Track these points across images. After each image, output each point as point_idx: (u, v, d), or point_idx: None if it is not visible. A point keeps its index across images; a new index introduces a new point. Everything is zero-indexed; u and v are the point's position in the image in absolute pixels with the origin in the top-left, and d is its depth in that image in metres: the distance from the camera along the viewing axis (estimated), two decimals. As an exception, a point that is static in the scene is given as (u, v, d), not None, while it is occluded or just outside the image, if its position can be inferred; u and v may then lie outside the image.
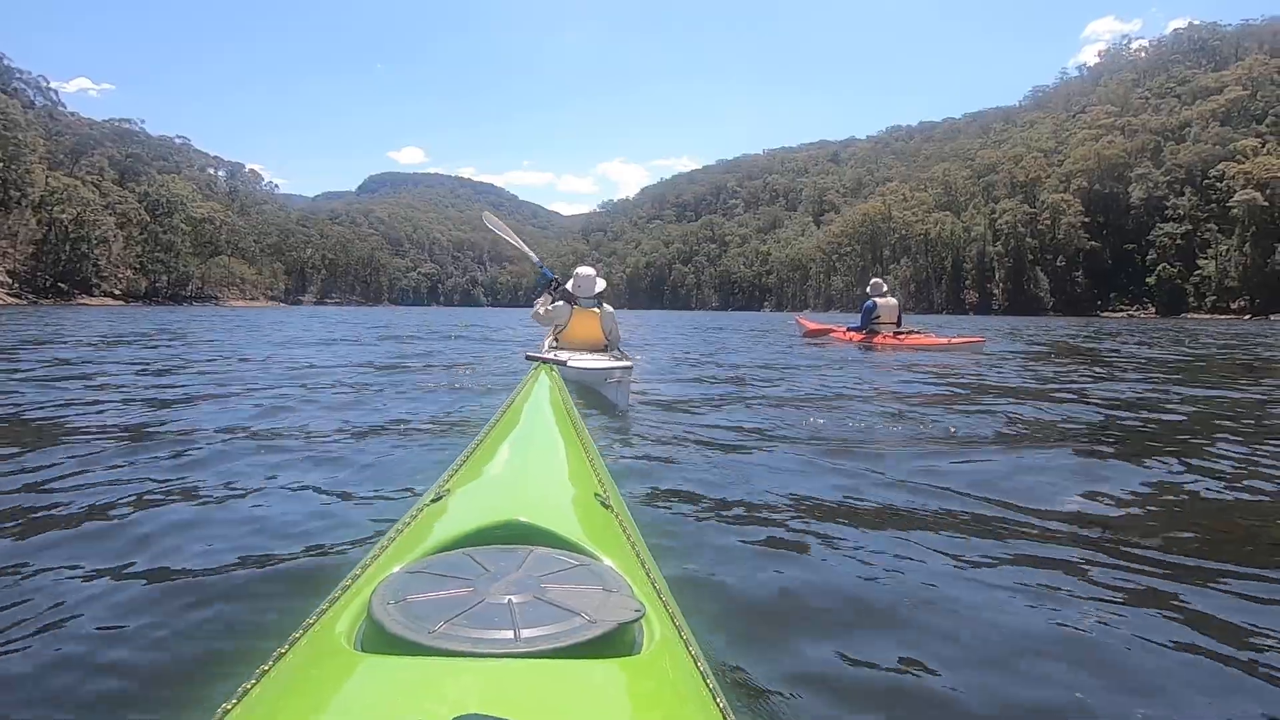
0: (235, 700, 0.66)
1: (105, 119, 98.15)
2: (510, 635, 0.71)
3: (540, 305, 5.18)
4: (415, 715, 0.59)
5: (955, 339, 10.31)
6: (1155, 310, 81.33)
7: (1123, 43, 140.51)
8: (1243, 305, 72.25)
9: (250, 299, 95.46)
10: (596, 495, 1.20)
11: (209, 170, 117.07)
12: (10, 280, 66.34)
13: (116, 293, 75.48)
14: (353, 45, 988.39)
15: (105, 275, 76.47)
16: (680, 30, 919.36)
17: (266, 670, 0.71)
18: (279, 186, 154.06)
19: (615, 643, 0.74)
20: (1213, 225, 79.82)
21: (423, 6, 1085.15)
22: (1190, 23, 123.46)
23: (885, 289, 10.74)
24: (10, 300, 57.90)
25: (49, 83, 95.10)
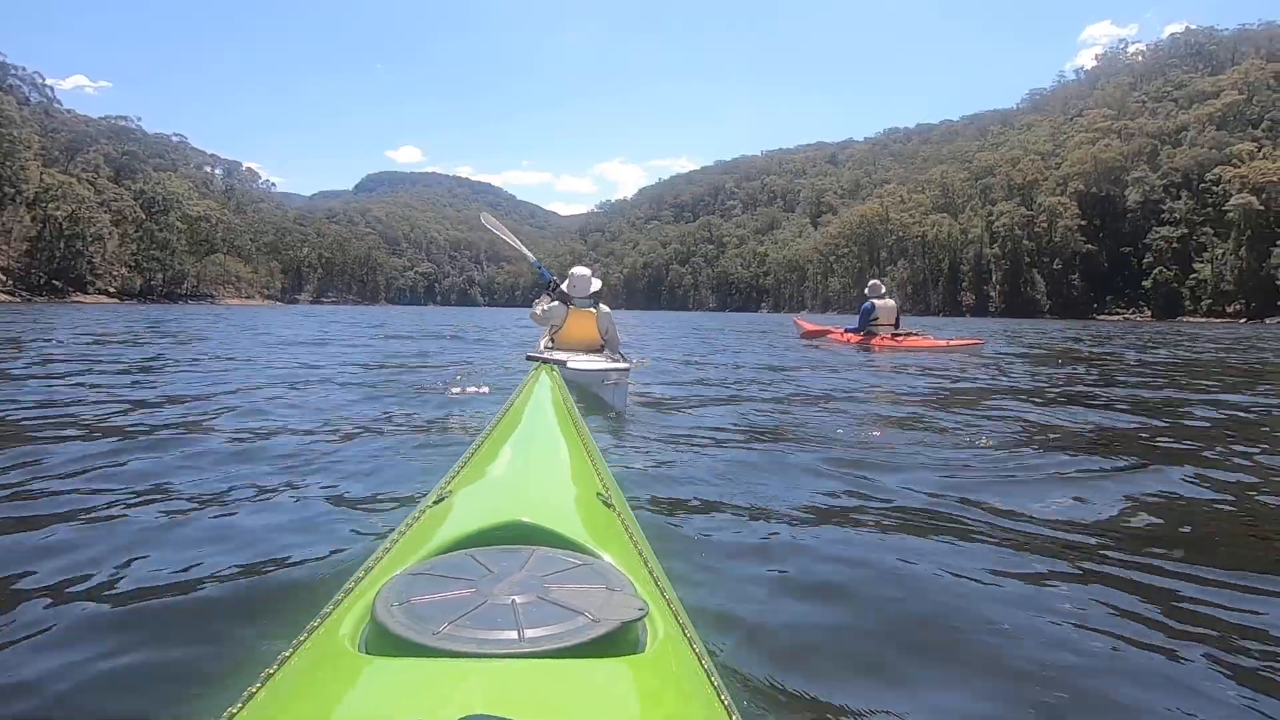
0: (240, 704, 0.66)
1: (101, 116, 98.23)
2: (514, 635, 0.71)
3: (539, 305, 5.17)
4: (420, 717, 0.59)
5: (953, 341, 10.34)
6: (1151, 313, 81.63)
7: (1120, 46, 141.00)
8: (1238, 309, 72.57)
9: (246, 297, 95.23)
10: (599, 495, 1.20)
11: (205, 168, 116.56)
12: (4, 277, 66.14)
13: (111, 290, 75.27)
14: (352, 45, 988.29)
15: (100, 273, 76.28)
16: (679, 30, 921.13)
17: (271, 674, 0.71)
18: (276, 185, 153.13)
19: (619, 642, 0.74)
20: (1209, 229, 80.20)
21: (423, 6, 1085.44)
22: (1187, 27, 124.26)
23: (883, 291, 10.77)
24: (4, 297, 57.69)
25: (44, 79, 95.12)
